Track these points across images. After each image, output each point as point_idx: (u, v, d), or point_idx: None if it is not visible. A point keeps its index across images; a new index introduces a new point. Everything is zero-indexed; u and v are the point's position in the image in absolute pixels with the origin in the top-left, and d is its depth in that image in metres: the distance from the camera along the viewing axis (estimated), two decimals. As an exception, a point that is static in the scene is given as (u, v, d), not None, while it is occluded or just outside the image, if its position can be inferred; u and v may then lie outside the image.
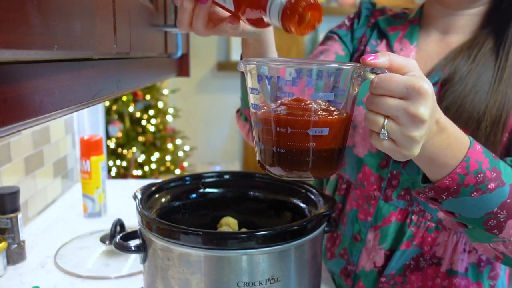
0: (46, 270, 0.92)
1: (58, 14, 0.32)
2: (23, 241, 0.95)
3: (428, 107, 0.46)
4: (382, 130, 0.47)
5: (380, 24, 0.87)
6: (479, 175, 0.53)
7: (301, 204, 0.76)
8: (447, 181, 0.53)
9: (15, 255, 0.94)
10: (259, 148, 0.54)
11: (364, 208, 0.83)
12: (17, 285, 0.86)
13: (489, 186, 0.53)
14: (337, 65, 0.49)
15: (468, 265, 0.77)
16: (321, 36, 3.14)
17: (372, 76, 0.48)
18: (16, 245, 0.94)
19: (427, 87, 0.46)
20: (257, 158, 0.56)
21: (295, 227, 0.60)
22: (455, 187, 0.53)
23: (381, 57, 0.47)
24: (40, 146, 1.20)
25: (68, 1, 0.34)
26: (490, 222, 0.56)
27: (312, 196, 0.74)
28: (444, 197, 0.55)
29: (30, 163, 1.14)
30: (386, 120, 0.47)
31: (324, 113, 0.49)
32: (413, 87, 0.45)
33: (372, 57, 0.47)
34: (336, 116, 0.50)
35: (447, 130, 0.51)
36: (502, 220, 0.55)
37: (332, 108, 0.50)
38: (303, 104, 0.49)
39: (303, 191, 0.77)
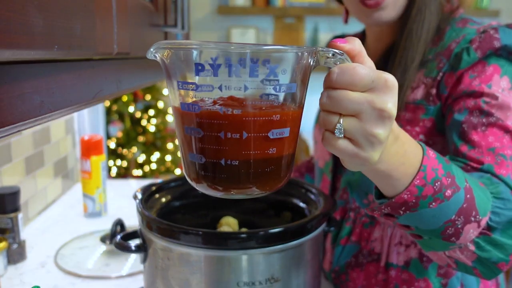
0: (46, 270, 0.92)
1: (58, 14, 0.32)
2: (24, 241, 0.96)
3: (394, 103, 0.41)
4: (338, 126, 0.40)
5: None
6: (436, 184, 0.49)
7: (301, 204, 0.76)
8: (405, 196, 0.48)
9: (16, 255, 0.94)
10: (197, 162, 0.41)
11: None
12: (18, 285, 0.86)
13: (446, 194, 0.49)
14: (291, 48, 0.39)
15: (409, 259, 0.77)
16: (321, 36, 3.14)
17: (329, 64, 0.41)
18: (16, 245, 0.94)
19: (394, 80, 0.41)
20: (187, 174, 0.44)
21: (295, 227, 0.60)
22: (414, 201, 0.49)
23: (351, 41, 0.41)
24: (40, 146, 1.20)
25: (68, 1, 0.34)
26: (448, 231, 0.52)
27: (312, 196, 0.74)
28: (402, 212, 0.50)
29: (31, 163, 1.14)
30: (341, 118, 0.41)
31: (281, 109, 0.40)
32: (379, 78, 0.40)
33: (344, 42, 0.41)
34: (295, 110, 0.41)
35: (401, 137, 0.47)
36: (459, 226, 0.52)
37: (276, 104, 0.40)
38: (253, 100, 0.39)
39: (303, 191, 0.77)
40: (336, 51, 0.40)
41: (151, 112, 2.59)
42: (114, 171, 2.51)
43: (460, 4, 0.78)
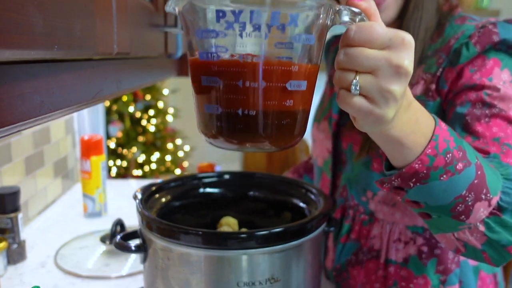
0: (46, 270, 0.92)
1: (58, 14, 0.32)
2: (24, 241, 0.96)
3: (411, 60, 0.41)
4: (354, 82, 0.40)
5: (334, 52, 0.98)
6: (448, 155, 0.48)
7: (301, 204, 0.76)
8: (416, 165, 0.47)
9: (16, 255, 0.94)
10: (214, 113, 0.41)
11: None
12: (18, 285, 0.86)
13: (457, 167, 0.49)
14: (311, 0, 0.39)
15: (408, 256, 0.78)
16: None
17: (345, 22, 0.41)
18: (16, 245, 0.94)
19: (411, 38, 0.41)
20: (202, 129, 0.44)
21: (295, 227, 0.60)
22: (425, 171, 0.48)
23: (367, 0, 0.41)
24: (40, 146, 1.20)
25: (68, 1, 0.34)
26: (458, 208, 0.51)
27: (312, 196, 0.74)
28: (412, 184, 0.49)
29: (31, 163, 1.14)
30: (358, 75, 0.41)
31: (299, 61, 0.40)
32: (396, 37, 0.40)
33: (359, 0, 0.41)
34: (312, 65, 0.41)
35: (414, 105, 0.47)
36: (470, 203, 0.51)
37: (295, 55, 0.40)
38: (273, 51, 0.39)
39: (303, 191, 0.77)
40: (354, 9, 0.40)
41: (151, 112, 2.59)
42: (114, 171, 2.51)
43: (458, 3, 0.79)
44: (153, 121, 2.60)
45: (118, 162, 2.51)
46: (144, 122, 2.58)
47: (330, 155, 0.87)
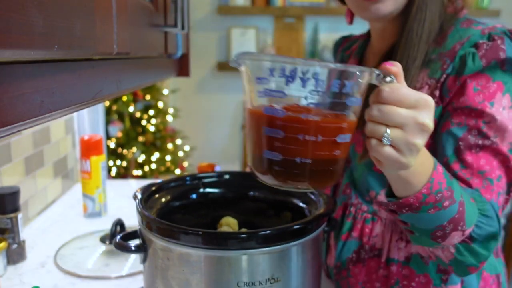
0: (46, 270, 0.92)
1: (58, 14, 0.32)
2: (23, 241, 0.95)
3: (432, 118, 0.49)
4: (385, 135, 0.49)
5: (343, 51, 0.98)
6: (439, 195, 0.57)
7: (301, 204, 0.76)
8: (412, 199, 0.57)
9: (15, 255, 0.94)
10: (273, 158, 0.48)
11: None
12: (17, 285, 0.86)
13: (444, 204, 0.58)
14: (360, 68, 0.47)
15: (409, 255, 0.78)
16: (321, 37, 3.14)
17: (380, 83, 0.49)
18: (16, 245, 0.94)
19: (432, 100, 0.49)
20: (256, 167, 0.51)
21: (295, 227, 0.60)
22: (417, 205, 0.57)
23: (396, 65, 0.49)
24: (40, 146, 1.20)
25: (68, 1, 0.34)
26: (437, 233, 0.61)
27: (312, 196, 0.74)
28: (405, 211, 0.59)
29: (30, 163, 1.14)
30: (388, 128, 0.49)
31: (348, 118, 0.49)
32: (421, 98, 0.49)
33: (391, 65, 0.49)
34: (354, 120, 0.49)
35: (423, 149, 0.54)
36: (448, 232, 0.61)
37: (345, 113, 0.49)
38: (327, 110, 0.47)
39: (303, 191, 0.77)
40: (385, 71, 0.49)
41: (151, 112, 2.59)
42: (114, 171, 2.51)
43: (464, 5, 0.78)
44: (153, 121, 2.59)
45: (118, 162, 2.51)
46: (144, 122, 2.58)
47: None
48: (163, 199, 0.75)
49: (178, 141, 2.82)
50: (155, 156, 2.60)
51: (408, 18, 0.74)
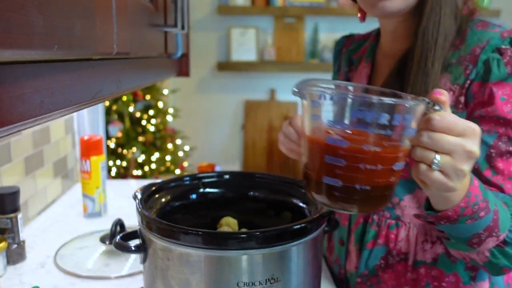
0: (46, 270, 0.92)
1: (58, 14, 0.32)
2: (23, 241, 0.95)
3: (478, 146, 0.52)
4: (435, 161, 0.51)
5: (349, 52, 0.96)
6: (475, 207, 0.60)
7: (301, 204, 0.76)
8: (450, 212, 0.60)
9: (15, 255, 0.94)
10: (333, 184, 0.51)
11: (344, 214, 0.89)
12: (17, 285, 0.86)
13: (480, 215, 0.61)
14: (417, 101, 0.50)
15: (436, 255, 0.79)
16: (321, 37, 3.14)
17: (429, 111, 0.51)
18: (16, 245, 0.94)
19: (478, 128, 0.52)
20: (314, 191, 0.54)
21: (295, 227, 0.60)
22: (455, 217, 0.60)
23: (444, 93, 0.52)
24: (40, 146, 1.20)
25: (68, 1, 0.34)
26: (473, 240, 0.64)
27: (312, 196, 0.74)
28: (443, 223, 0.62)
29: (30, 163, 1.14)
30: (437, 154, 0.51)
31: (404, 148, 0.51)
32: (469, 127, 0.51)
33: (440, 94, 0.52)
34: (408, 148, 0.52)
35: None
36: (483, 238, 0.64)
37: (401, 143, 0.51)
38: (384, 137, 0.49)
39: (303, 191, 0.77)
40: (436, 103, 0.51)
41: (151, 112, 2.59)
42: (114, 171, 2.51)
43: (476, 7, 0.78)
44: (153, 121, 2.59)
45: (118, 162, 2.51)
46: (144, 122, 2.58)
47: None
48: (163, 199, 0.75)
49: (178, 141, 2.82)
50: (155, 156, 2.60)
51: (421, 19, 0.74)
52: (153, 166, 2.59)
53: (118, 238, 0.66)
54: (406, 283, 0.81)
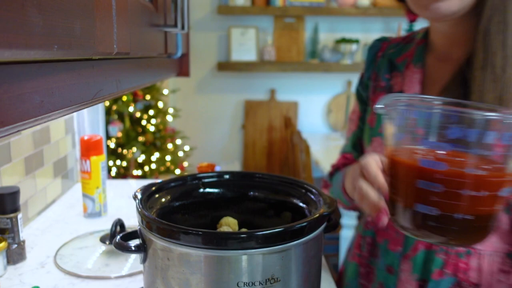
0: (46, 270, 0.92)
1: (58, 14, 0.32)
2: (23, 241, 0.95)
3: None
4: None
5: (389, 56, 0.87)
6: None
7: (301, 204, 0.76)
8: None
9: (15, 255, 0.94)
10: (427, 213, 0.45)
11: (394, 238, 0.82)
12: (17, 285, 0.86)
13: None
14: None
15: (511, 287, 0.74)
16: (321, 37, 3.14)
17: None
18: (16, 245, 0.94)
19: None
20: (403, 223, 0.47)
21: (295, 227, 0.60)
22: None
23: None
24: (40, 146, 1.20)
25: (68, 1, 0.34)
26: None
27: (312, 196, 0.74)
28: None
29: (30, 163, 1.14)
30: None
31: (509, 170, 0.45)
32: None
33: None
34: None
35: None
36: None
37: (505, 165, 0.45)
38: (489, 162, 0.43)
39: (303, 191, 0.77)
40: None
41: (151, 112, 2.59)
42: (114, 171, 2.51)
43: None
44: (153, 121, 2.59)
45: (118, 162, 2.51)
46: (144, 122, 2.58)
47: None
48: (163, 199, 0.75)
49: (178, 141, 2.82)
50: (155, 156, 2.60)
51: (481, 19, 0.67)
52: (153, 166, 2.59)
53: (118, 238, 0.66)
54: None
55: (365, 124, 0.89)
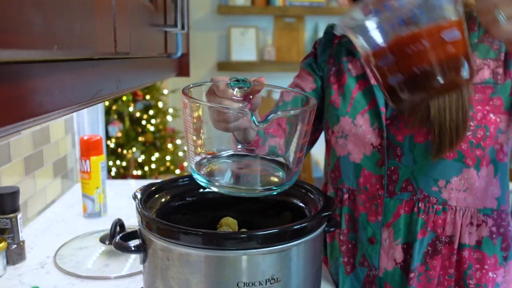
0: (45, 270, 0.92)
1: (58, 14, 0.32)
2: (23, 241, 0.95)
3: None
4: (500, 17, 0.51)
5: (345, 44, 0.93)
6: None
7: (301, 204, 0.75)
8: None
9: (15, 255, 0.94)
10: (395, 81, 0.55)
11: (372, 209, 0.86)
12: (17, 285, 0.86)
13: None
14: None
15: (480, 238, 0.81)
16: (321, 35, 3.14)
17: None
18: (15, 245, 0.94)
19: None
20: (395, 101, 0.57)
21: (295, 227, 0.60)
22: None
23: None
24: (40, 146, 1.20)
25: (68, 1, 0.34)
26: None
27: (312, 196, 0.74)
28: None
29: (30, 163, 1.14)
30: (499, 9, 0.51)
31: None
32: None
33: None
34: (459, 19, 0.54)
35: None
36: None
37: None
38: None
39: (303, 191, 0.77)
40: None
41: (151, 112, 2.59)
42: (113, 171, 2.51)
43: None
44: (153, 121, 2.59)
45: (118, 162, 2.51)
46: (144, 122, 2.58)
47: (375, 149, 0.84)
48: (163, 199, 0.75)
49: (178, 141, 2.82)
50: (155, 156, 2.60)
51: None
52: (153, 166, 2.59)
53: (118, 238, 0.66)
54: (451, 265, 0.82)
55: (327, 105, 0.92)
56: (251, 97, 0.69)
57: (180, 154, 2.80)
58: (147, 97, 2.58)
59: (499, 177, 0.83)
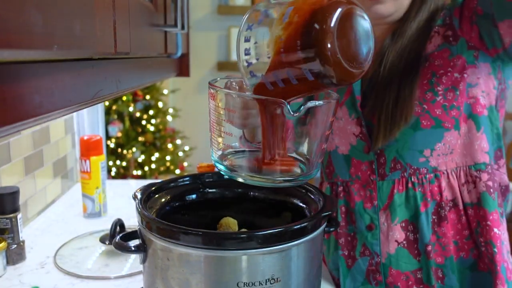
0: (45, 270, 0.92)
1: (58, 14, 0.32)
2: (23, 241, 0.95)
3: None
4: None
5: None
6: None
7: (301, 204, 0.75)
8: None
9: (15, 255, 0.94)
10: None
11: (367, 195, 0.87)
12: (17, 285, 0.86)
13: None
14: None
15: (479, 194, 0.82)
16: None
17: None
18: (15, 245, 0.94)
19: None
20: None
21: (295, 227, 0.60)
22: None
23: None
24: (40, 146, 1.20)
25: (68, 1, 0.34)
26: None
27: (312, 196, 0.74)
28: None
29: (30, 163, 1.14)
30: None
31: None
32: None
33: None
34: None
35: None
36: None
37: None
38: None
39: (303, 191, 0.77)
40: None
41: (151, 112, 2.59)
42: (113, 171, 2.51)
43: None
44: (153, 121, 2.59)
45: (118, 162, 2.51)
46: (144, 122, 2.58)
47: (359, 138, 0.86)
48: (163, 199, 0.75)
49: (178, 141, 2.82)
50: (155, 156, 2.60)
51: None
52: (153, 166, 2.59)
53: (118, 238, 0.66)
54: (463, 228, 0.82)
55: None
56: None
57: (180, 154, 2.80)
58: (147, 97, 2.58)
59: (484, 130, 0.82)
